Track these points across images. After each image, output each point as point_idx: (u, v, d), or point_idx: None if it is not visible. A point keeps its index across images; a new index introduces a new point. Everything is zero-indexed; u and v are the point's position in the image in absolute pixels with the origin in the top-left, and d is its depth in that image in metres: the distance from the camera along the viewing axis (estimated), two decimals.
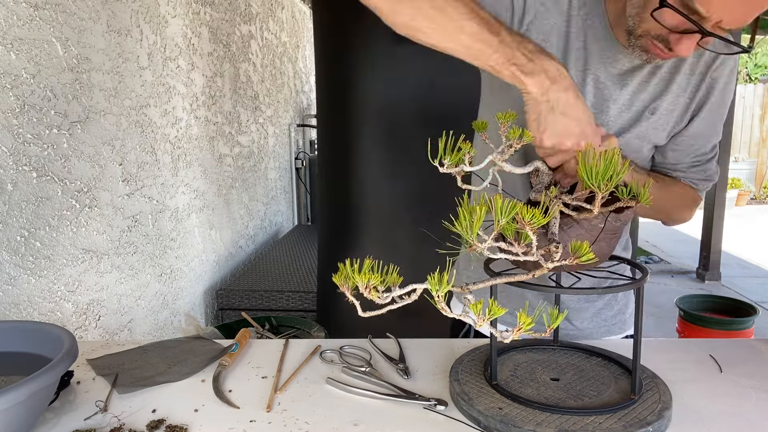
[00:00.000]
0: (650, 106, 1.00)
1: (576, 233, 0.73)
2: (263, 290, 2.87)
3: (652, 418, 0.75)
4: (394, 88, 2.02)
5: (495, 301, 0.63)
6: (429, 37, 0.79)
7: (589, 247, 0.62)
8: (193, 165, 2.76)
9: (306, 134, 5.34)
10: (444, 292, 0.61)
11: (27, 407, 0.72)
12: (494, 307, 0.61)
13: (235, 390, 0.91)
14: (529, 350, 0.99)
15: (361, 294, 0.63)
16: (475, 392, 0.84)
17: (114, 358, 1.03)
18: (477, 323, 0.63)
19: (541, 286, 0.77)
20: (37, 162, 1.66)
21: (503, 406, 0.80)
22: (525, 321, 0.59)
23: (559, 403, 0.80)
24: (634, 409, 0.78)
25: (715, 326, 2.87)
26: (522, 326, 0.59)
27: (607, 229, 0.73)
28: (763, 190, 9.01)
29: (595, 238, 0.73)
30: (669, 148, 1.06)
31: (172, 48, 2.53)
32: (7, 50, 1.55)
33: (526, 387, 0.86)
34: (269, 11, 4.17)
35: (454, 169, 0.76)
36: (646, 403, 0.79)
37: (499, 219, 0.61)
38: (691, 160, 1.07)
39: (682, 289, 4.62)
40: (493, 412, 0.78)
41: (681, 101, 1.01)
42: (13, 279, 1.58)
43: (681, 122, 1.03)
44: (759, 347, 1.05)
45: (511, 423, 0.75)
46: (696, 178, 1.09)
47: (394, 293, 0.63)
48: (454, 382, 0.87)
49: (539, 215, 0.61)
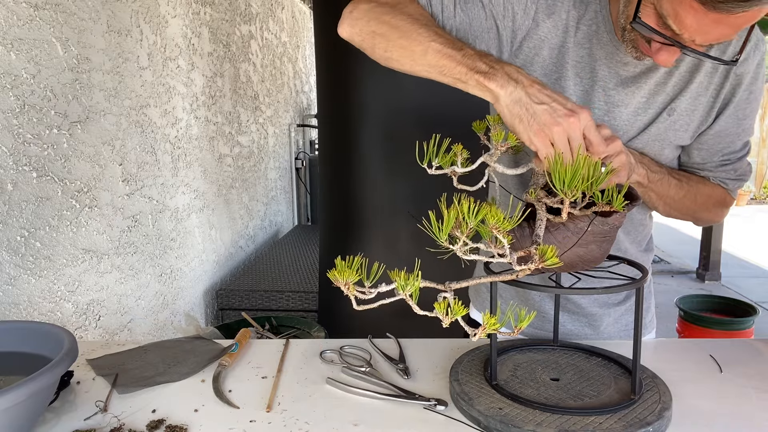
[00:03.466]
0: (668, 107, 0.97)
1: (562, 235, 0.72)
2: (263, 290, 2.87)
3: (652, 419, 0.75)
4: (395, 88, 2.02)
5: (457, 301, 0.64)
6: (402, 64, 0.86)
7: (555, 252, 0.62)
8: (193, 165, 2.76)
9: (306, 134, 5.34)
10: (412, 292, 0.63)
11: (27, 407, 0.72)
12: (456, 307, 0.62)
13: (235, 390, 0.91)
14: (529, 350, 0.99)
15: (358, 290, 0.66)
16: (475, 392, 0.84)
17: (114, 358, 1.03)
18: (444, 323, 0.64)
19: (539, 285, 0.77)
20: (37, 162, 1.66)
21: (503, 407, 0.80)
22: (490, 321, 0.61)
23: (559, 403, 0.80)
24: (634, 409, 0.78)
25: (715, 326, 2.87)
26: (486, 327, 0.61)
27: (595, 232, 0.72)
28: (763, 190, 9.01)
29: (582, 241, 0.73)
30: (694, 147, 1.03)
31: (172, 48, 2.53)
32: (7, 50, 1.55)
33: (526, 387, 0.86)
34: (269, 11, 4.17)
35: (443, 171, 0.77)
36: (646, 404, 0.79)
37: (468, 222, 0.62)
38: (720, 159, 1.04)
39: (682, 289, 4.62)
40: (493, 413, 0.78)
41: (703, 100, 0.98)
42: (13, 279, 1.58)
43: (706, 121, 1.00)
44: (759, 347, 1.05)
45: (511, 423, 0.75)
46: (726, 177, 1.05)
47: (379, 289, 0.66)
48: (454, 382, 0.87)
49: (506, 219, 0.61)
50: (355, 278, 0.64)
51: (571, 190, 0.63)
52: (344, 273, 0.64)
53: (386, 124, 2.06)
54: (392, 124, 2.05)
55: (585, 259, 0.75)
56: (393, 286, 0.65)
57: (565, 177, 0.64)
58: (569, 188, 0.64)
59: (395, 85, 2.02)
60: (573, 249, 0.73)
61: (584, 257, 0.75)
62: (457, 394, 0.84)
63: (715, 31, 0.76)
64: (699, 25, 0.76)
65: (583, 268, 0.78)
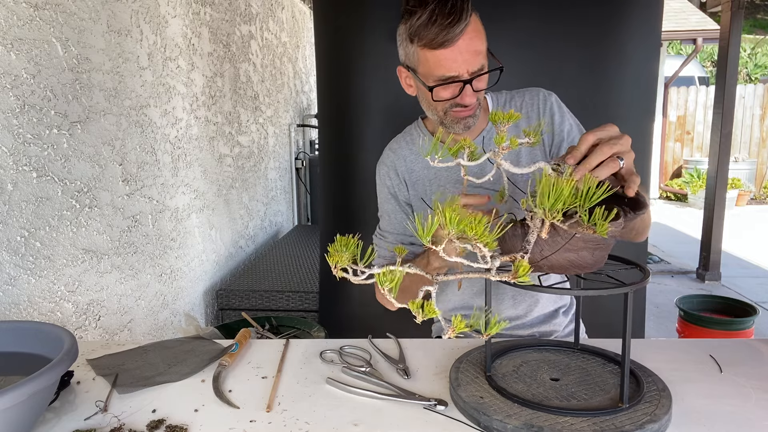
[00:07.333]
0: None
1: (553, 239, 0.73)
2: (263, 290, 2.87)
3: (630, 428, 0.74)
4: (395, 88, 2.01)
5: (431, 302, 0.66)
6: None
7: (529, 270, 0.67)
8: (193, 165, 2.76)
9: (306, 134, 5.34)
10: (392, 286, 0.66)
11: (27, 407, 0.72)
12: (429, 308, 0.65)
13: (235, 390, 0.91)
14: (546, 350, 0.99)
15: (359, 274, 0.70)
16: (468, 382, 0.86)
17: (114, 358, 1.03)
18: (417, 318, 0.67)
19: (527, 286, 0.77)
20: (37, 162, 1.66)
21: (485, 396, 0.82)
22: (458, 324, 0.64)
23: (543, 401, 0.80)
24: (617, 417, 0.76)
25: (715, 326, 2.87)
26: (455, 328, 0.64)
27: (586, 239, 0.73)
28: (763, 190, 9.00)
29: (572, 247, 0.73)
30: None
31: (172, 48, 2.53)
32: (7, 50, 1.55)
33: (519, 383, 0.86)
34: (269, 11, 4.17)
35: (448, 163, 0.79)
36: (635, 414, 0.77)
37: (449, 230, 0.65)
38: None
39: (682, 289, 4.62)
40: (472, 400, 0.80)
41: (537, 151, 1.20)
42: (13, 279, 1.58)
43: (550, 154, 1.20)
44: (759, 347, 1.05)
45: (483, 411, 0.78)
46: None
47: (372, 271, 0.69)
48: (453, 379, 0.87)
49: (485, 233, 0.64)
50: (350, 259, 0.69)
51: (551, 212, 0.66)
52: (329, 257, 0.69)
53: (386, 124, 2.06)
54: (392, 124, 2.05)
55: (577, 264, 0.76)
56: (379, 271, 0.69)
57: (547, 200, 0.66)
58: (550, 211, 0.66)
59: (395, 85, 2.01)
60: (563, 254, 0.74)
61: (576, 262, 0.75)
62: (453, 386, 0.85)
63: (466, 61, 1.03)
64: (453, 62, 1.03)
65: (577, 272, 0.78)
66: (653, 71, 2.05)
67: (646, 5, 1.99)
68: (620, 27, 1.95)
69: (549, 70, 1.93)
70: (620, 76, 1.98)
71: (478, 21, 1.06)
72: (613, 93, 1.98)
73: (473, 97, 1.08)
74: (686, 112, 9.25)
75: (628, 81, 1.99)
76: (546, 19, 1.92)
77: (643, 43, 1.99)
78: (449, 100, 1.10)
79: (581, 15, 1.93)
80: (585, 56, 1.95)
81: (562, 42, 1.91)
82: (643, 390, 0.83)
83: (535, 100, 1.22)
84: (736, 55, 4.51)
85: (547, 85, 1.28)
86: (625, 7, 1.95)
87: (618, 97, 1.99)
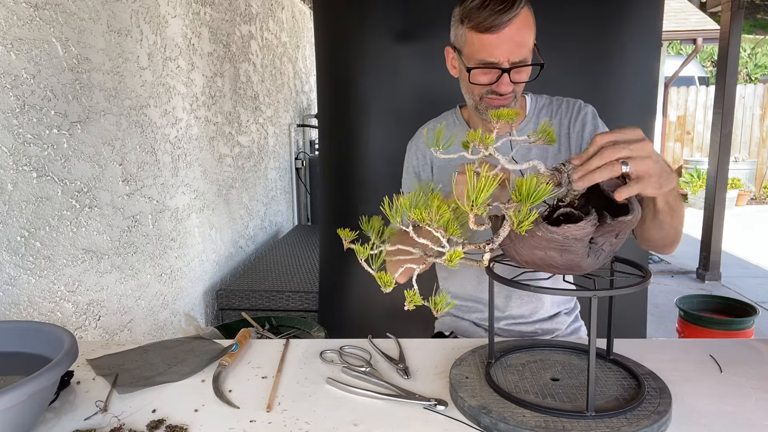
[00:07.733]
0: None
1: (522, 236, 0.74)
2: (263, 290, 2.87)
3: (630, 428, 0.74)
4: (395, 88, 2.02)
5: (386, 273, 0.75)
6: None
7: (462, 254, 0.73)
8: (193, 165, 2.76)
9: (306, 134, 5.34)
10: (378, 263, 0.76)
11: (27, 407, 0.72)
12: (385, 278, 0.74)
13: (235, 390, 0.91)
14: (554, 351, 0.99)
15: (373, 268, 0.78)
16: (467, 381, 0.86)
17: (114, 358, 1.03)
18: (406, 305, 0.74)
19: (533, 285, 0.77)
20: (37, 162, 1.66)
21: (485, 396, 0.82)
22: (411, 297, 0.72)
23: (543, 401, 0.81)
24: (617, 417, 0.76)
25: (715, 326, 2.87)
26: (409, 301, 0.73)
27: (550, 239, 0.73)
28: (763, 190, 9.00)
29: (538, 245, 0.74)
30: None
31: (172, 48, 2.53)
32: (7, 50, 1.55)
33: (519, 383, 0.87)
34: (269, 11, 4.17)
35: (450, 155, 0.81)
36: (635, 414, 0.77)
37: (408, 213, 0.72)
38: None
39: (682, 289, 4.62)
40: (472, 400, 0.81)
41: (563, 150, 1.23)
42: (13, 279, 1.58)
43: None
44: (759, 347, 1.05)
45: (483, 411, 0.78)
46: None
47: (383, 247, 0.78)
48: (453, 378, 0.87)
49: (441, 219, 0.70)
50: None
51: (477, 206, 0.69)
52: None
53: (386, 124, 2.06)
54: (392, 123, 2.05)
55: (548, 262, 0.76)
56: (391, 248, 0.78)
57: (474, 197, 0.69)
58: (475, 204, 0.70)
59: (395, 84, 2.01)
60: (533, 251, 0.75)
61: (545, 260, 0.76)
62: (453, 386, 0.85)
63: (510, 50, 1.06)
64: (489, 46, 1.06)
65: (554, 271, 0.79)
66: (653, 71, 2.05)
67: (646, 5, 1.99)
68: (620, 27, 1.95)
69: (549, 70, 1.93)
70: (620, 76, 1.98)
71: (530, 15, 1.09)
72: (613, 93, 1.98)
73: (509, 87, 1.10)
74: (686, 112, 9.25)
75: (628, 81, 1.99)
76: (546, 18, 1.92)
77: (643, 43, 1.99)
78: (486, 86, 1.12)
79: (581, 15, 1.93)
80: (585, 56, 1.95)
81: (562, 41, 1.91)
82: (643, 390, 0.83)
83: (571, 110, 1.25)
84: (736, 55, 4.50)
85: (547, 85, 1.28)
86: (626, 7, 1.95)
87: (618, 96, 1.99)
